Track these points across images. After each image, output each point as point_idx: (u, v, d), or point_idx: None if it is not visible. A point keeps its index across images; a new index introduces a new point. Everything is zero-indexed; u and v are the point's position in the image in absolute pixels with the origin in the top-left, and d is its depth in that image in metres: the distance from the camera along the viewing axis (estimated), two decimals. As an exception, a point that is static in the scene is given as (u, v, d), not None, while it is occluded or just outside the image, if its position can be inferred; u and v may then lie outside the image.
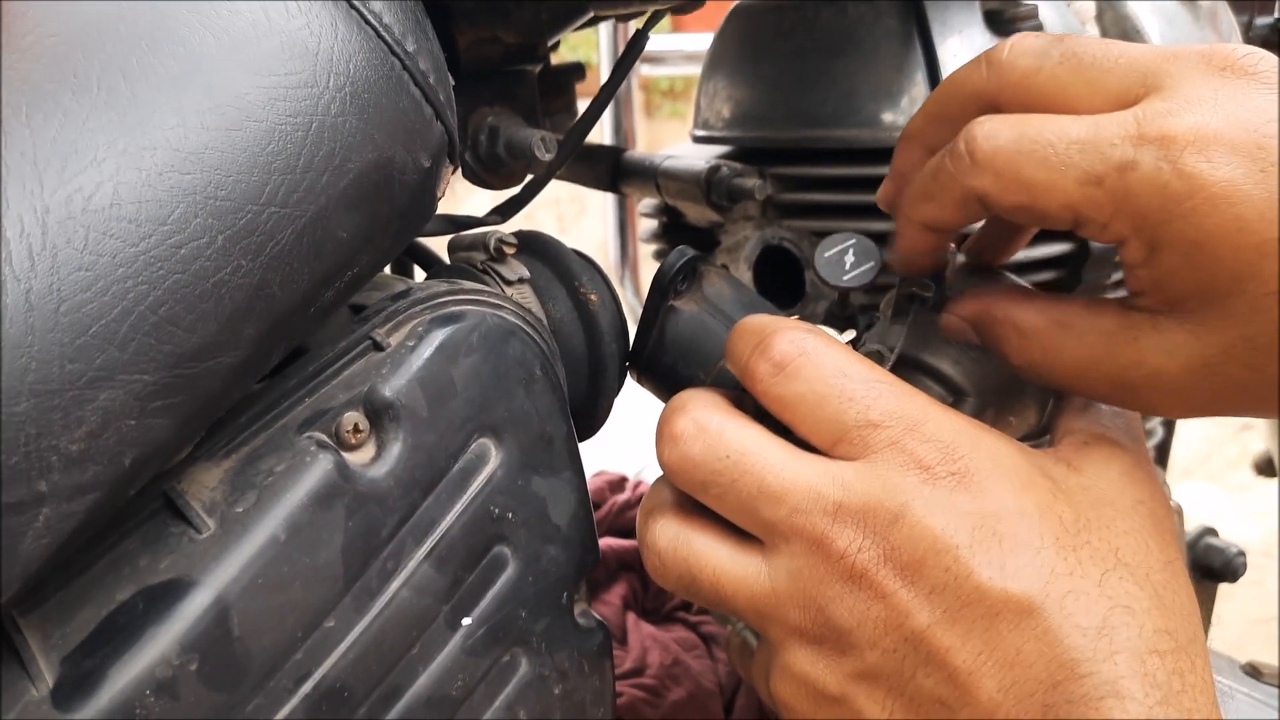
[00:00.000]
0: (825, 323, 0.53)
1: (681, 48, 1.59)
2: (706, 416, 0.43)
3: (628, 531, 0.83)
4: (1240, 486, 2.47)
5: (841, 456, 0.41)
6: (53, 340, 0.31)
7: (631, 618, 0.76)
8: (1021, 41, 0.41)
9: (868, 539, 0.39)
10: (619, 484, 0.88)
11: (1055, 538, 0.38)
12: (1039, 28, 0.60)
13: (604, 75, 1.36)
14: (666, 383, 0.54)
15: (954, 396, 0.49)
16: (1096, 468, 0.41)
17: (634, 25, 1.41)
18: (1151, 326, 0.39)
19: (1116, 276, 0.60)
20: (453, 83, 0.42)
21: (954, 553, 0.38)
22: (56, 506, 0.31)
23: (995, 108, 0.42)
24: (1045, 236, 0.59)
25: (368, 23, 0.39)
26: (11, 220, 0.31)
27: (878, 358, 0.48)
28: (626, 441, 0.79)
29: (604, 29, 1.36)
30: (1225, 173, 0.35)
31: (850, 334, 0.49)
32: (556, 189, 0.62)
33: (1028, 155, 0.38)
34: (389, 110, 0.39)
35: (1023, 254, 0.58)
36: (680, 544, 0.44)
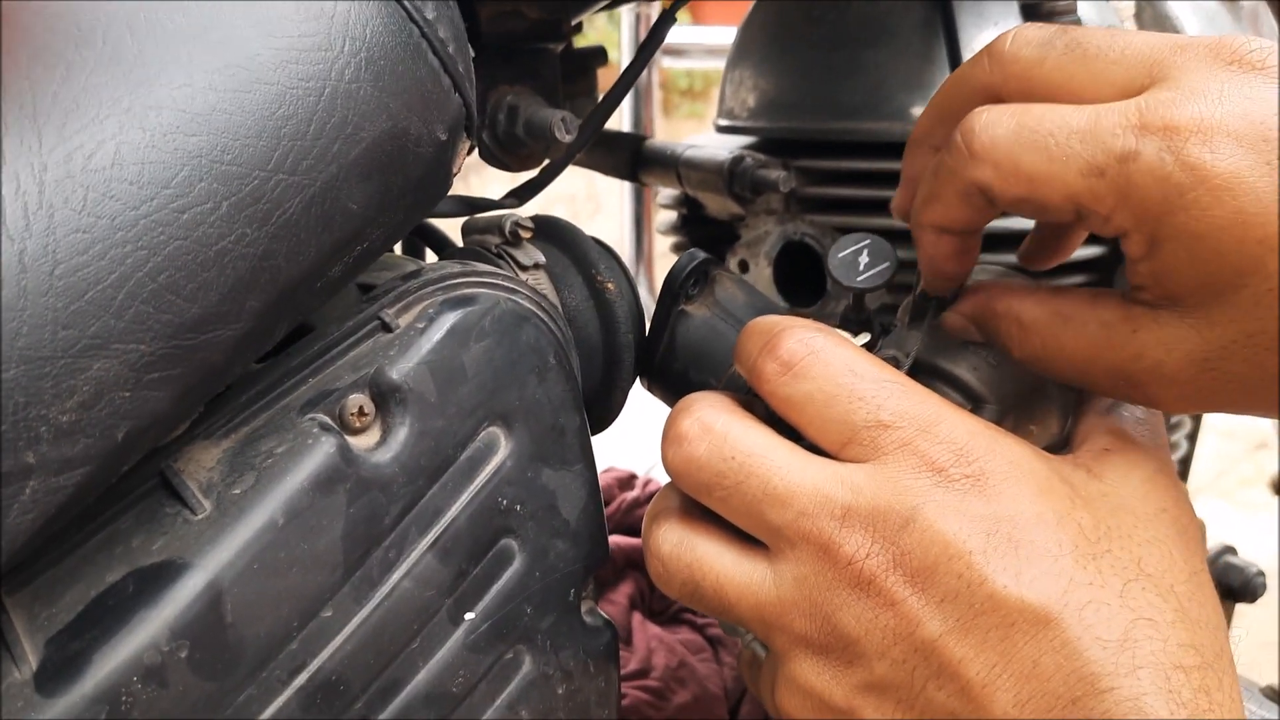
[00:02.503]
0: (841, 326, 0.51)
1: (702, 40, 1.57)
2: (712, 417, 0.41)
3: (636, 530, 0.82)
4: (1253, 505, 2.44)
5: (851, 459, 0.39)
6: (46, 305, 0.29)
7: (638, 618, 0.74)
8: (1024, 32, 0.40)
9: (876, 544, 0.37)
10: (628, 481, 0.86)
11: (1074, 545, 0.36)
12: (1077, 22, 0.58)
13: (625, 64, 1.35)
14: (677, 390, 0.52)
15: (972, 404, 0.48)
16: (1117, 474, 0.40)
17: (655, 15, 1.39)
18: (1152, 319, 0.38)
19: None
20: (473, 55, 0.41)
21: (967, 559, 0.36)
22: (44, 480, 0.30)
23: (1000, 100, 0.40)
24: (1077, 239, 0.57)
25: (387, -13, 0.37)
26: (8, 177, 0.29)
27: (893, 363, 0.47)
28: (637, 438, 0.78)
29: (626, 21, 1.35)
30: (1229, 164, 0.34)
31: (864, 337, 0.47)
32: (572, 185, 0.61)
33: (1027, 145, 0.37)
34: (405, 78, 0.37)
35: (1054, 256, 0.56)
36: (684, 549, 0.42)
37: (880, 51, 0.60)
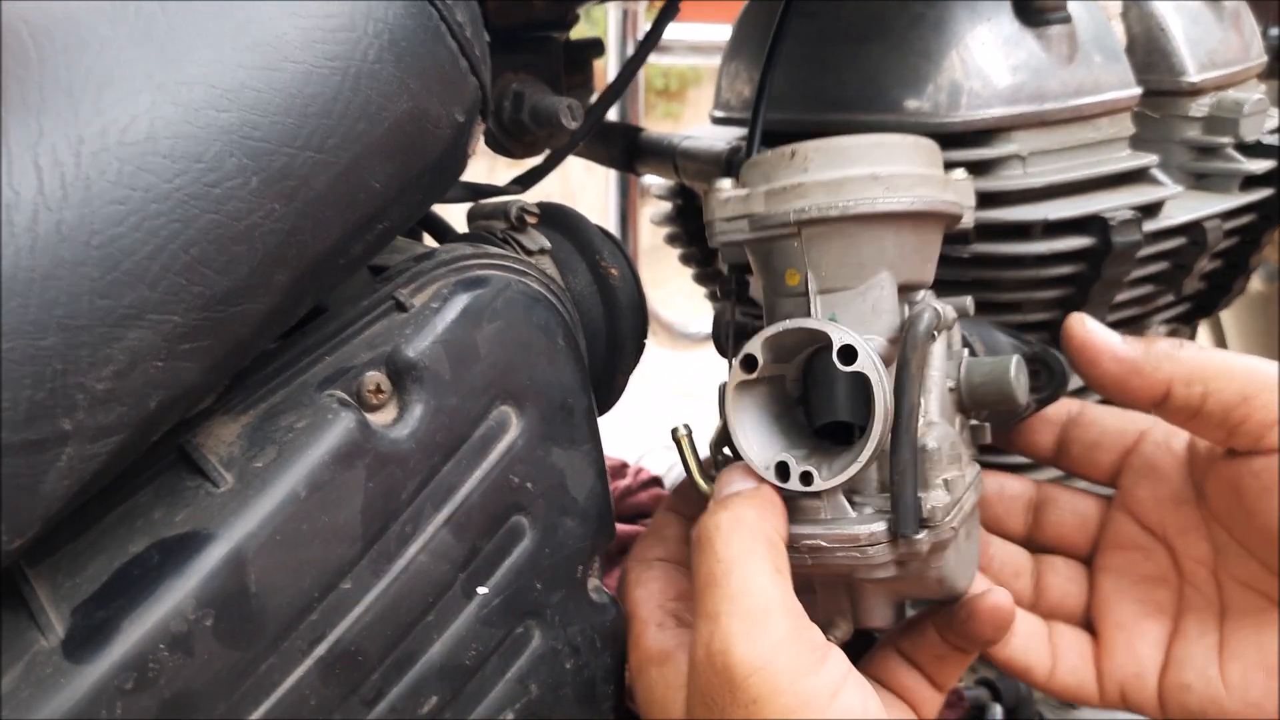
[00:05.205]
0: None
1: (684, 37, 1.58)
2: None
3: (628, 517, 0.82)
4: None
5: None
6: (83, 274, 0.30)
7: (631, 603, 0.75)
8: None
9: None
10: (620, 469, 0.87)
11: None
12: (1067, 19, 0.59)
13: (611, 60, 1.36)
14: None
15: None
16: None
17: (643, 11, 1.40)
18: None
19: (1137, 273, 0.60)
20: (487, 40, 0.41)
21: None
22: (80, 447, 0.30)
23: None
24: (1064, 230, 0.58)
25: (407, -29, 0.38)
26: (45, 149, 0.29)
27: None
28: (628, 425, 0.78)
29: (613, 17, 1.35)
30: None
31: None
32: (548, 180, 0.62)
33: None
34: (426, 60, 0.38)
35: (1044, 247, 0.57)
36: None
37: (874, 46, 0.61)
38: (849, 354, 0.42)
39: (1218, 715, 0.45)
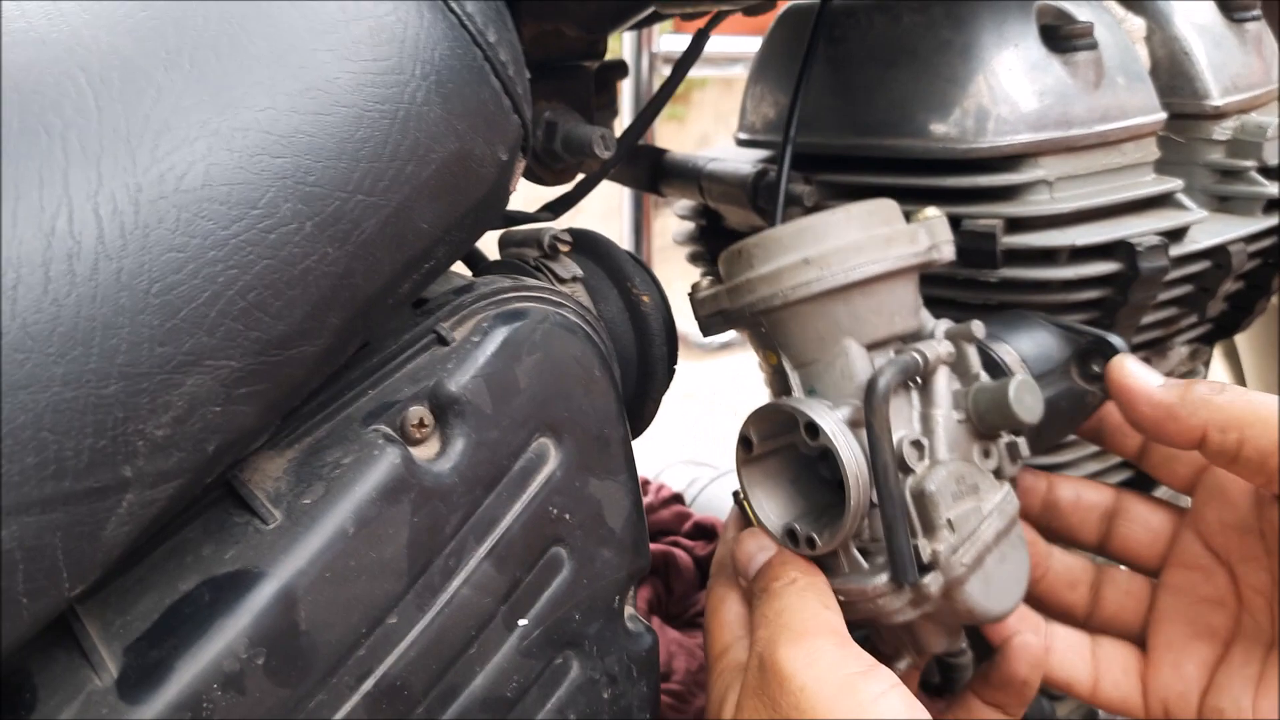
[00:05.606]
0: None
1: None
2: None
3: (651, 535, 0.83)
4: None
5: None
6: (143, 322, 0.30)
7: (656, 622, 0.76)
8: None
9: None
10: (642, 486, 0.87)
11: None
12: (1093, 45, 0.60)
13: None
14: None
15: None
16: None
17: (659, 29, 1.40)
18: None
19: (1163, 296, 0.60)
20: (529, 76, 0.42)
21: None
22: (140, 493, 0.30)
23: None
24: (1090, 255, 0.58)
25: (452, 11, 0.38)
26: (105, 197, 0.30)
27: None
28: (647, 444, 0.79)
29: (628, 35, 1.36)
30: None
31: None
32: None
33: None
34: (471, 101, 0.38)
35: (1071, 272, 0.58)
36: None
37: (901, 71, 0.61)
38: (813, 429, 0.45)
39: None
